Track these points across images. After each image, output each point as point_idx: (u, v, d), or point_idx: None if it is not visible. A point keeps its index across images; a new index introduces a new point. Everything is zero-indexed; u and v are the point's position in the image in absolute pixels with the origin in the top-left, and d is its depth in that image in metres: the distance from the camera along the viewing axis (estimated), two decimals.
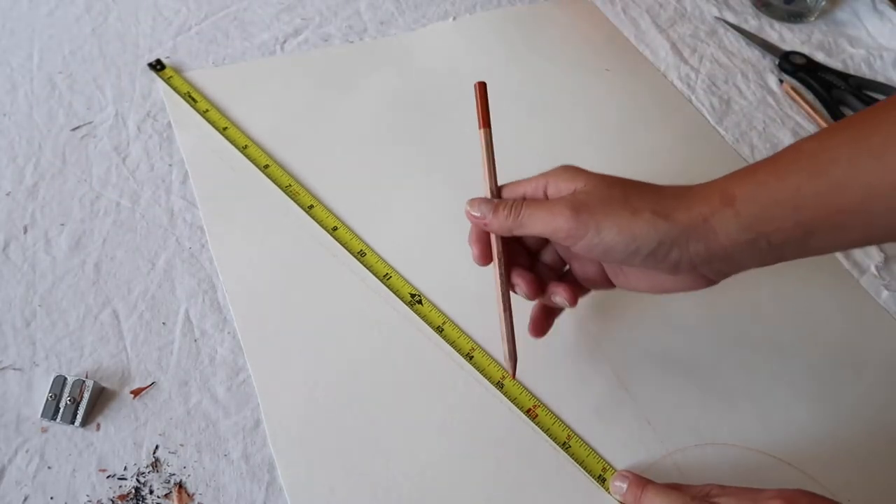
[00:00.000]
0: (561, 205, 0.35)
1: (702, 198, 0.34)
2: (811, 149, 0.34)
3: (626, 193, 0.35)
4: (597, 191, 0.36)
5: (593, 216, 0.35)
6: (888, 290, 0.50)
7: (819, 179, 0.32)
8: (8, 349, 0.42)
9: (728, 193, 0.34)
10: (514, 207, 0.37)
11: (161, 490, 0.38)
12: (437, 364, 0.43)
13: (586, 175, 0.37)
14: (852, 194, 0.32)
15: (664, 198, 0.35)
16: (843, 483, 0.40)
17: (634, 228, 0.34)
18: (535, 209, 0.36)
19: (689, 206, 0.34)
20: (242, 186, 0.51)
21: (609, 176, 0.37)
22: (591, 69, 0.63)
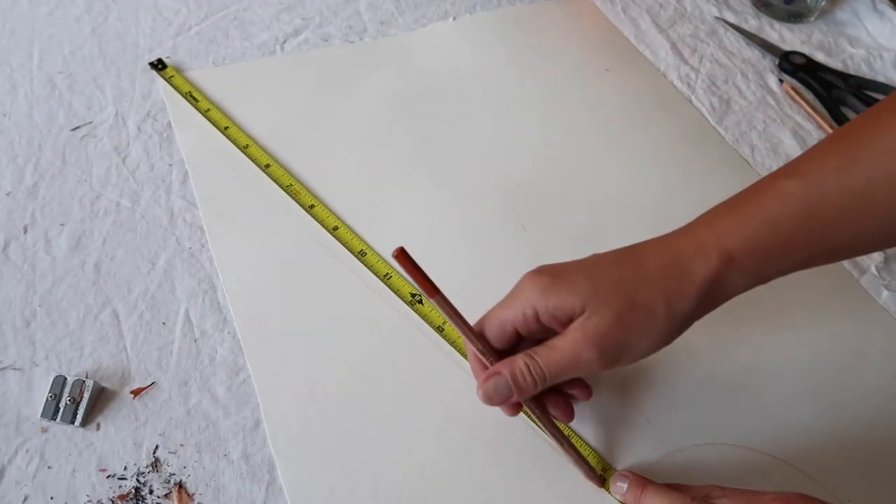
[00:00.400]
0: (580, 346, 0.33)
1: (701, 260, 0.34)
2: (794, 190, 0.34)
3: (631, 297, 0.34)
4: (604, 309, 0.33)
5: (617, 341, 0.34)
6: (888, 290, 0.50)
7: (812, 223, 0.33)
8: (8, 349, 0.42)
9: (725, 251, 0.33)
10: (533, 371, 0.34)
11: (161, 490, 0.38)
12: (438, 364, 0.43)
13: (577, 290, 0.34)
14: (844, 233, 0.33)
15: (667, 277, 0.34)
16: (844, 483, 0.40)
17: (659, 331, 0.34)
18: (554, 362, 0.34)
19: (692, 277, 0.33)
20: (242, 186, 0.51)
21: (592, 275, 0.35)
22: (591, 69, 0.63)
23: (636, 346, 0.34)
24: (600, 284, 0.34)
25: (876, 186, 0.32)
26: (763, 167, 0.57)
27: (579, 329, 0.34)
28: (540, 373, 0.34)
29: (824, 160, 0.34)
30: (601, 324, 0.33)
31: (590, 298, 0.34)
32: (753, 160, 0.57)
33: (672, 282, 0.34)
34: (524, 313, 0.35)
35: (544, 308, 0.34)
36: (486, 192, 0.53)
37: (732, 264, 0.34)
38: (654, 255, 0.35)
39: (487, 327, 0.36)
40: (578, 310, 0.34)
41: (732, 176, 0.56)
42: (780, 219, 0.33)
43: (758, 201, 0.34)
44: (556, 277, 0.35)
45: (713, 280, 0.34)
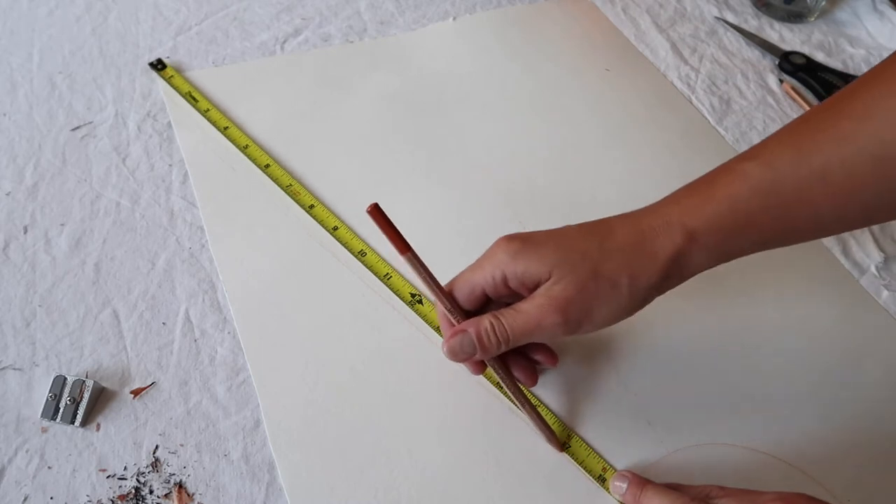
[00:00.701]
0: (545, 311, 0.35)
1: (665, 237, 0.35)
2: (756, 173, 0.35)
3: (596, 268, 0.35)
4: (569, 278, 0.35)
5: (580, 310, 0.35)
6: (888, 290, 0.50)
7: (769, 204, 0.35)
8: (8, 349, 0.42)
9: (688, 229, 0.35)
10: (498, 332, 0.36)
11: (161, 490, 0.38)
12: (438, 364, 0.43)
13: (545, 257, 0.35)
14: (800, 215, 0.35)
15: (632, 251, 0.35)
16: (843, 483, 0.40)
17: (622, 302, 0.35)
18: (518, 324, 0.35)
19: (656, 253, 0.35)
20: (242, 186, 0.51)
21: (561, 244, 0.36)
22: (591, 69, 0.63)
23: (598, 315, 0.35)
24: (568, 254, 0.35)
25: (830, 171, 0.33)
26: None
27: (544, 295, 0.35)
28: (504, 334, 0.36)
29: (784, 145, 0.35)
30: (565, 291, 0.35)
31: (556, 266, 0.35)
32: None
33: (637, 257, 0.35)
34: (493, 277, 0.36)
35: (513, 273, 0.35)
36: (485, 191, 0.53)
37: (695, 242, 0.35)
38: (621, 230, 0.36)
39: (457, 288, 0.38)
40: (545, 276, 0.35)
41: None
42: (740, 200, 0.35)
43: (720, 183, 0.36)
44: (527, 244, 0.36)
45: (676, 257, 0.35)
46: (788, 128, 0.36)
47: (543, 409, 0.42)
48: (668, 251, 0.35)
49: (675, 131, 0.59)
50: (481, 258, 0.37)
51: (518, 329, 0.36)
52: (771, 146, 0.36)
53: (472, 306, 0.38)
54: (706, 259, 0.36)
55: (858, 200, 0.34)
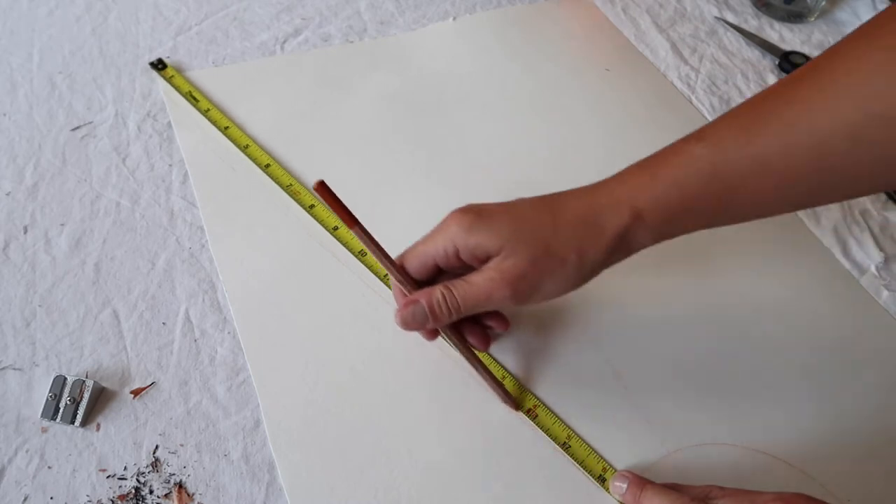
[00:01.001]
0: (495, 285, 0.36)
1: (613, 215, 0.36)
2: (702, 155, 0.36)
3: (547, 244, 0.36)
4: (520, 253, 0.36)
5: (529, 284, 0.36)
6: (888, 290, 0.50)
7: (714, 185, 0.35)
8: (8, 349, 0.42)
9: (635, 208, 0.36)
10: (449, 302, 0.37)
11: (161, 490, 0.38)
12: (438, 364, 0.43)
13: (497, 231, 0.36)
14: (744, 198, 0.35)
15: (581, 228, 0.36)
16: (843, 483, 0.40)
17: (569, 277, 0.36)
18: (469, 295, 0.37)
19: (604, 230, 0.36)
20: (242, 186, 0.51)
21: (514, 219, 0.37)
22: (591, 69, 0.63)
23: (546, 289, 0.37)
24: (519, 228, 0.36)
25: (773, 155, 0.34)
26: None
27: (495, 269, 0.36)
28: (455, 304, 0.37)
29: (730, 127, 0.36)
30: (516, 266, 0.36)
31: (508, 241, 0.36)
32: None
33: (586, 233, 0.36)
34: (445, 249, 0.37)
35: (464, 246, 0.36)
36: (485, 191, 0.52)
37: (640, 221, 0.36)
38: (571, 206, 0.37)
39: (409, 260, 0.39)
40: (496, 250, 0.36)
41: None
42: (686, 180, 0.36)
43: (667, 163, 0.37)
44: (480, 218, 0.37)
45: (623, 234, 0.36)
46: (736, 111, 0.37)
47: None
48: (614, 229, 0.36)
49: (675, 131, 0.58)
50: (434, 230, 0.38)
51: (469, 300, 0.37)
52: (718, 129, 0.36)
53: (425, 277, 0.39)
54: (650, 236, 0.37)
55: (798, 187, 0.35)
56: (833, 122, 0.32)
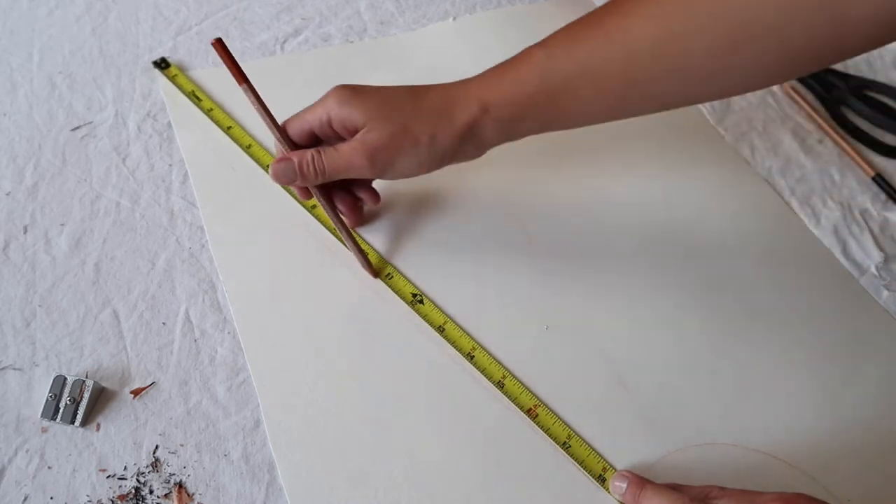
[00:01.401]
0: (357, 153, 0.41)
1: (465, 107, 0.41)
2: (539, 59, 0.41)
3: (405, 124, 0.41)
4: (381, 128, 0.41)
5: (386, 156, 0.41)
6: (888, 290, 0.50)
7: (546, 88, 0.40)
8: (8, 349, 0.42)
9: (483, 102, 0.41)
10: (316, 163, 0.42)
11: (161, 490, 0.38)
12: (438, 364, 0.43)
13: (364, 107, 0.41)
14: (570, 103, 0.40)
15: (436, 115, 0.41)
16: (844, 483, 0.40)
17: (421, 157, 0.41)
18: (334, 160, 0.41)
19: (454, 119, 0.41)
20: (243, 186, 0.51)
21: (382, 99, 0.41)
22: None
23: (401, 165, 0.42)
24: (384, 108, 0.41)
25: (592, 61, 0.39)
26: (763, 167, 0.57)
27: (359, 140, 0.41)
28: (321, 167, 0.42)
29: (563, 37, 0.41)
30: (376, 140, 0.41)
31: (372, 118, 0.41)
32: (753, 160, 0.57)
33: (439, 120, 0.41)
34: (321, 118, 0.42)
35: (337, 116, 0.41)
36: (484, 191, 0.53)
37: (487, 114, 0.41)
38: (433, 96, 0.42)
39: (291, 124, 0.43)
40: (362, 123, 0.41)
41: (732, 176, 0.56)
42: (525, 82, 0.41)
43: (515, 65, 0.41)
44: (354, 94, 0.41)
45: (471, 125, 0.41)
46: (573, 23, 0.41)
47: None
48: (464, 119, 0.41)
49: (675, 131, 0.59)
50: (315, 102, 0.43)
51: (333, 165, 0.41)
52: (555, 38, 0.41)
53: (304, 143, 0.43)
54: (496, 131, 0.42)
55: (612, 92, 0.40)
56: (641, 36, 0.38)
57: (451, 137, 0.41)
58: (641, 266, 0.49)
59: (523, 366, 0.44)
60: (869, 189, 0.57)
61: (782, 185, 0.56)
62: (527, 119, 0.42)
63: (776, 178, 0.56)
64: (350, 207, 0.47)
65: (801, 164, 0.58)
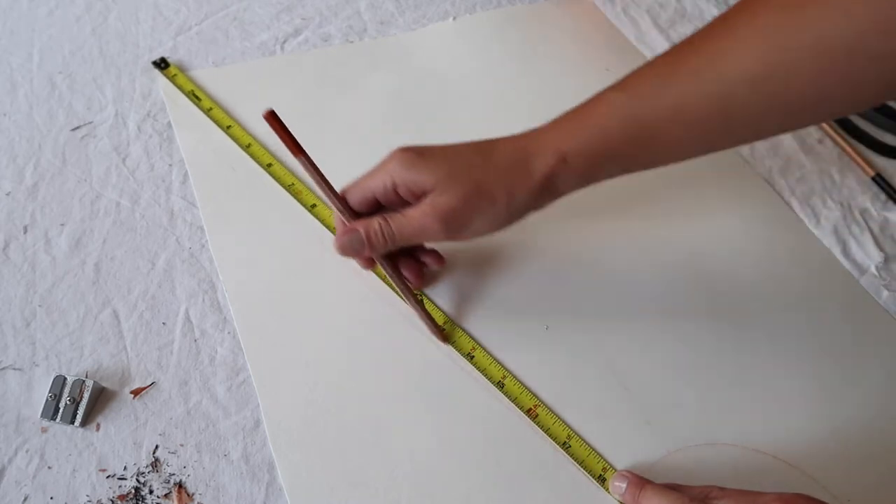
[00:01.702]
0: (428, 218, 0.39)
1: (541, 159, 0.39)
2: (620, 103, 0.39)
3: (479, 183, 0.39)
4: (454, 190, 0.39)
5: (460, 219, 0.39)
6: (888, 290, 0.50)
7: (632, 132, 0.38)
8: (8, 349, 0.42)
9: (561, 152, 0.39)
10: (385, 232, 0.40)
11: (161, 490, 0.38)
12: (438, 364, 0.43)
13: (432, 169, 0.39)
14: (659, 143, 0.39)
15: (512, 171, 0.39)
16: (844, 483, 0.40)
17: (499, 215, 0.40)
18: (403, 227, 0.40)
19: (532, 173, 0.39)
20: (243, 186, 0.51)
21: (450, 159, 0.40)
22: (591, 69, 0.63)
23: (476, 225, 0.40)
24: (454, 167, 0.39)
25: (685, 101, 0.37)
26: (763, 167, 0.57)
27: (430, 203, 0.39)
28: (391, 234, 0.40)
29: (647, 76, 0.39)
30: (449, 202, 0.39)
31: (442, 179, 0.39)
32: (753, 160, 0.57)
33: (515, 175, 0.39)
34: (385, 184, 0.40)
35: (402, 181, 0.39)
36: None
37: (566, 165, 0.39)
38: (503, 150, 0.40)
39: (351, 193, 0.41)
40: (431, 187, 0.39)
41: (732, 176, 0.56)
42: (607, 126, 0.38)
43: (591, 112, 0.39)
44: (420, 156, 0.40)
45: (549, 177, 0.39)
46: (653, 62, 0.39)
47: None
48: (542, 172, 0.39)
49: None
50: (376, 166, 0.41)
51: (403, 231, 0.40)
52: (637, 79, 0.39)
53: (366, 210, 0.42)
54: (576, 180, 0.40)
55: (706, 131, 0.38)
56: (736, 71, 0.35)
57: (530, 192, 0.39)
58: (641, 266, 0.49)
59: (523, 366, 0.44)
60: (869, 189, 0.57)
61: (782, 185, 0.56)
62: (608, 166, 0.40)
63: (776, 178, 0.56)
64: (415, 273, 0.45)
65: (801, 164, 0.58)
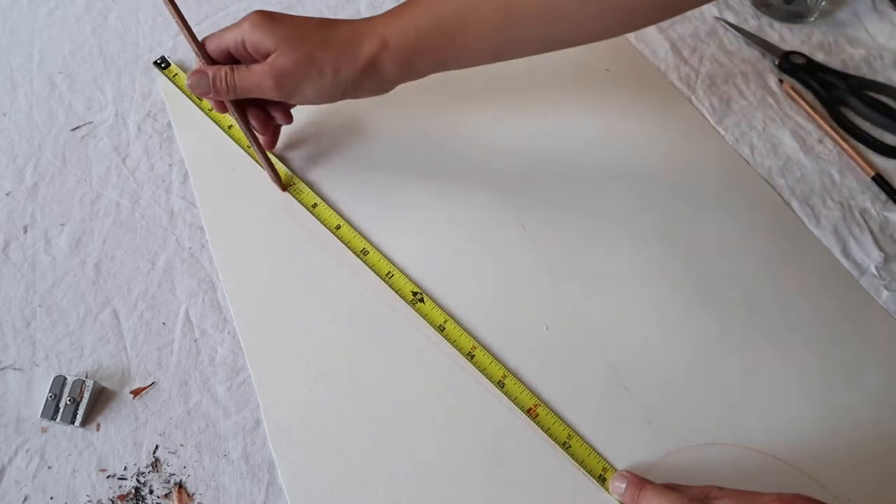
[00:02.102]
0: (265, 75, 0.44)
1: (368, 42, 0.44)
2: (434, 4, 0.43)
3: (312, 53, 0.43)
4: (290, 54, 0.43)
5: (291, 81, 0.44)
6: (888, 290, 0.50)
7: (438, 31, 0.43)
8: (8, 349, 0.42)
9: (384, 39, 0.43)
10: (228, 79, 0.45)
11: (161, 490, 0.38)
12: (438, 363, 0.43)
13: (275, 33, 0.43)
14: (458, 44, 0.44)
15: (342, 48, 0.44)
16: (844, 483, 0.40)
17: (325, 86, 0.44)
18: (244, 79, 0.45)
19: (359, 52, 0.43)
20: (243, 186, 0.51)
21: (294, 27, 0.44)
22: (591, 69, 0.63)
23: (305, 92, 0.45)
24: (294, 36, 0.44)
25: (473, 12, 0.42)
26: (763, 167, 0.57)
27: (269, 63, 0.44)
28: (233, 83, 0.45)
29: None
30: (283, 65, 0.43)
31: (282, 43, 0.43)
32: (753, 160, 0.57)
33: (344, 53, 0.44)
34: (236, 39, 0.44)
35: (250, 40, 0.44)
36: (484, 190, 0.53)
37: (386, 50, 0.44)
38: (341, 29, 0.44)
39: (209, 41, 0.46)
40: (272, 49, 0.43)
41: (732, 176, 0.56)
42: (418, 24, 0.43)
43: (413, 6, 0.44)
44: (268, 20, 0.44)
45: (372, 60, 0.44)
46: None
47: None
48: (366, 54, 0.44)
49: (675, 131, 0.59)
50: (234, 23, 0.45)
51: (242, 83, 0.45)
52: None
53: (222, 60, 0.46)
54: (396, 68, 0.44)
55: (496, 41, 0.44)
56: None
57: (353, 71, 0.44)
58: (642, 266, 0.49)
59: (523, 366, 0.44)
60: (869, 189, 0.57)
61: (782, 185, 0.56)
62: (422, 56, 0.44)
63: (776, 178, 0.56)
64: (262, 123, 0.49)
65: (801, 164, 0.58)
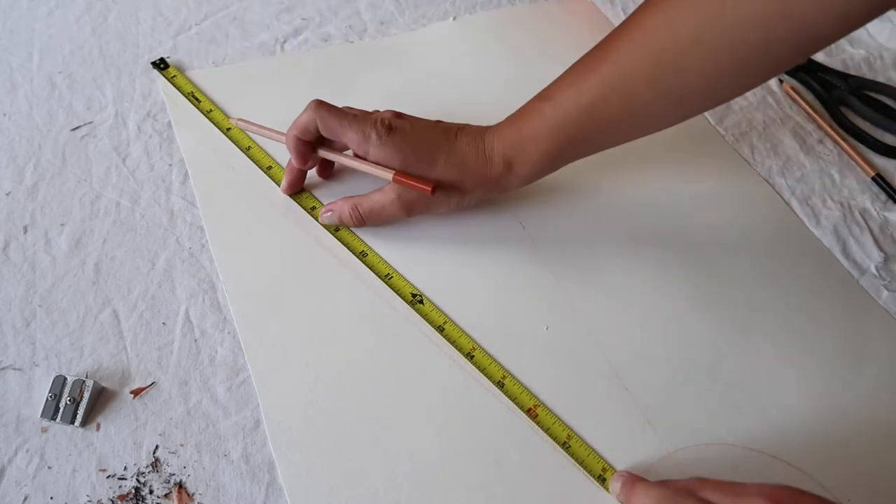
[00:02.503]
0: (395, 206, 0.46)
1: (493, 165, 0.46)
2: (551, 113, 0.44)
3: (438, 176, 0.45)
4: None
5: (420, 208, 0.47)
6: (888, 290, 0.50)
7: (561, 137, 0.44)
8: (8, 349, 0.42)
9: (507, 160, 0.46)
10: (355, 217, 0.48)
11: (161, 490, 0.38)
12: (438, 364, 0.43)
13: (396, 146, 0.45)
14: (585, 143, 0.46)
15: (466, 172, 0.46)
16: (843, 482, 0.40)
17: (451, 207, 0.47)
18: (374, 212, 0.47)
19: (486, 177, 0.46)
20: (243, 186, 0.51)
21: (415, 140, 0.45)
22: None
23: (432, 212, 0.48)
24: (419, 158, 0.45)
25: (595, 105, 0.43)
26: (763, 167, 0.57)
27: (393, 191, 0.46)
28: (359, 217, 0.48)
29: (566, 85, 0.45)
30: (411, 193, 0.46)
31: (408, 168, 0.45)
32: (753, 160, 0.57)
33: (470, 177, 0.46)
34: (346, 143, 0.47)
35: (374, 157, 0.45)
36: None
37: (511, 169, 0.46)
38: (463, 149, 0.46)
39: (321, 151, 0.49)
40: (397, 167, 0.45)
41: (732, 176, 0.56)
42: (540, 138, 0.45)
43: (527, 122, 0.45)
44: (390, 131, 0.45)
45: (498, 179, 0.46)
46: (569, 71, 0.45)
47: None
48: (493, 176, 0.46)
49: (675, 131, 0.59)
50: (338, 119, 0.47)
51: (371, 216, 0.47)
52: (559, 86, 0.45)
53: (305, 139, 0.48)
54: (519, 181, 0.47)
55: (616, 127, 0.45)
56: (636, 73, 0.41)
57: (478, 196, 0.47)
58: (641, 266, 0.49)
59: (523, 366, 0.44)
60: (869, 189, 0.57)
61: (782, 184, 0.56)
62: (546, 167, 0.46)
63: (776, 178, 0.56)
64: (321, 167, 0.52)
65: (801, 163, 0.58)
